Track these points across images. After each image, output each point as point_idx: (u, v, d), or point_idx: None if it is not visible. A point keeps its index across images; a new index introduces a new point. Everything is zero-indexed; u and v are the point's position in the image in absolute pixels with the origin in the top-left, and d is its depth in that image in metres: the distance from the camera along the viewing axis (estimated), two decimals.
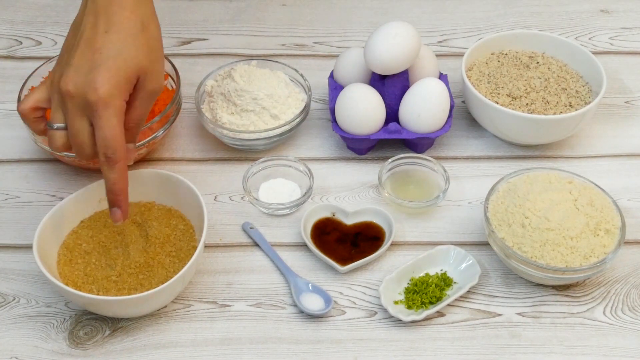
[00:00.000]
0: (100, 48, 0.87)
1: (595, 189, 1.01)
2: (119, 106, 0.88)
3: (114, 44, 0.87)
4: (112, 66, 0.87)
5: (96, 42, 0.88)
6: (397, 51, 1.06)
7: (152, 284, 0.95)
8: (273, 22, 1.33)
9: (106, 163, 0.89)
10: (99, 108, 0.86)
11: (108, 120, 0.87)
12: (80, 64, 0.87)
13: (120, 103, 0.88)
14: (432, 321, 0.96)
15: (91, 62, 0.87)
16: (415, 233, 1.05)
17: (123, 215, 0.92)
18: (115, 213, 0.92)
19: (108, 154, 0.88)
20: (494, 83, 1.14)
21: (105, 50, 0.87)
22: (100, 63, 0.87)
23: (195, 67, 1.25)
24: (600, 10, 1.36)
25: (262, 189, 1.08)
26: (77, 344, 0.94)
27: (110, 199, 0.91)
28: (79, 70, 0.87)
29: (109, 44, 0.87)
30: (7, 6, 1.35)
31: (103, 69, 0.86)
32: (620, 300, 0.98)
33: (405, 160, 1.09)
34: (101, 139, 0.87)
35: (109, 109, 0.87)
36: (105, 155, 0.88)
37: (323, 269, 1.01)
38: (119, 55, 0.87)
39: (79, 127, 0.88)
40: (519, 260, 0.95)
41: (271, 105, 1.10)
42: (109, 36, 0.88)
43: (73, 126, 0.88)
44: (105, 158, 0.88)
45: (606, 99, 1.20)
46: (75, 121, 0.88)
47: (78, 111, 0.87)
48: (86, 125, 0.88)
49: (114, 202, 0.91)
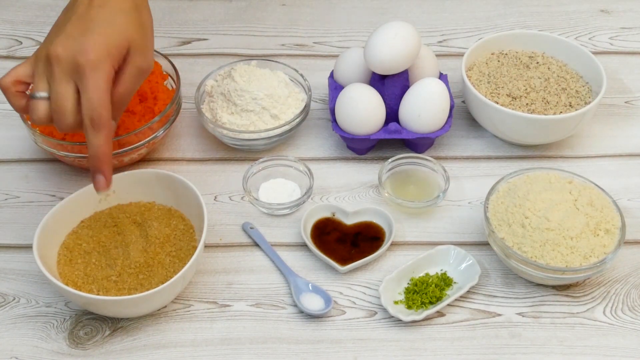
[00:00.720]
0: (92, 18, 0.88)
1: (595, 189, 1.01)
2: (108, 71, 0.87)
3: (106, 15, 0.88)
4: (104, 33, 0.87)
5: (89, 14, 0.88)
6: (397, 51, 1.06)
7: (152, 284, 0.95)
8: (273, 22, 1.33)
9: (91, 127, 0.87)
10: (87, 70, 0.85)
11: (96, 82, 0.86)
12: (72, 31, 0.88)
13: (109, 68, 0.87)
14: (432, 321, 0.96)
15: (82, 28, 0.87)
16: (415, 233, 1.05)
17: (107, 183, 0.89)
18: (99, 180, 0.89)
19: (93, 116, 0.86)
20: (494, 83, 1.14)
21: (97, 21, 0.88)
22: (92, 29, 0.87)
23: (195, 67, 1.25)
24: (600, 10, 1.36)
25: (262, 189, 1.08)
26: (77, 344, 0.94)
27: (93, 164, 0.88)
28: (70, 36, 0.87)
29: (101, 15, 0.88)
30: (7, 6, 1.35)
31: (94, 34, 0.87)
32: (620, 300, 0.98)
33: (405, 160, 1.09)
34: (87, 101, 0.86)
35: (98, 72, 0.86)
36: (90, 117, 0.86)
37: (323, 269, 1.01)
38: (112, 25, 0.88)
39: (63, 91, 0.86)
40: (519, 260, 0.95)
41: (271, 105, 1.10)
42: (102, 9, 0.89)
43: (57, 91, 0.87)
44: (90, 121, 0.86)
45: (606, 99, 1.20)
46: (60, 85, 0.86)
47: (64, 75, 0.86)
48: (71, 91, 0.87)
49: (98, 168, 0.88)
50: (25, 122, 1.05)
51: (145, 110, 1.08)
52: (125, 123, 1.06)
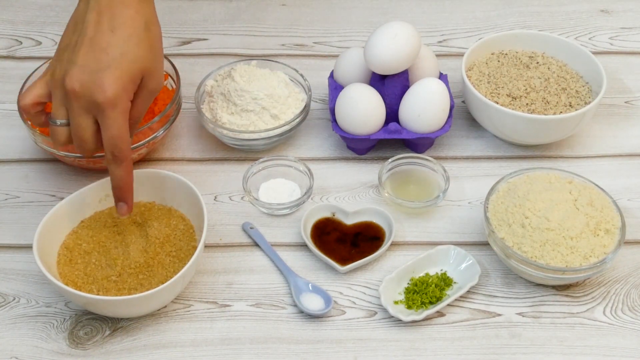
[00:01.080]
0: (106, 48, 0.89)
1: (595, 189, 1.01)
2: (125, 106, 0.90)
3: (119, 44, 0.89)
4: (119, 67, 0.88)
5: (101, 41, 0.89)
6: (397, 51, 1.06)
7: (152, 284, 0.95)
8: (273, 22, 1.33)
9: (113, 161, 0.92)
10: (106, 108, 0.88)
11: (115, 120, 0.89)
12: (86, 63, 0.89)
13: (126, 103, 0.90)
14: (432, 321, 0.96)
15: (97, 61, 0.88)
16: (415, 233, 1.05)
17: (128, 210, 0.96)
18: (122, 208, 0.95)
19: (115, 153, 0.91)
20: (494, 83, 1.14)
21: (111, 50, 0.89)
22: (107, 64, 0.88)
23: (195, 67, 1.25)
24: (600, 10, 1.36)
25: (262, 189, 1.08)
26: (77, 344, 0.94)
27: (117, 195, 0.95)
28: (85, 70, 0.88)
29: (114, 44, 0.89)
30: (7, 6, 1.35)
31: (110, 70, 0.88)
32: (620, 300, 0.98)
33: (405, 160, 1.09)
34: (108, 138, 0.90)
35: (116, 109, 0.89)
36: (112, 153, 0.91)
37: (323, 269, 1.01)
38: (125, 56, 0.89)
39: (83, 124, 0.90)
40: (519, 260, 0.95)
41: (271, 105, 1.10)
42: (114, 35, 0.89)
43: (78, 124, 0.90)
44: (112, 156, 0.91)
45: (606, 99, 1.20)
46: (80, 119, 0.90)
47: (83, 110, 0.89)
48: (90, 123, 0.90)
49: (121, 198, 0.95)
50: (25, 122, 1.05)
51: None
52: None
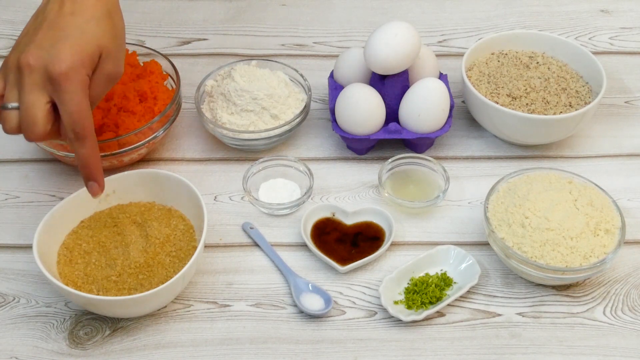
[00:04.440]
0: (64, 27, 0.87)
1: (595, 189, 1.01)
2: (83, 80, 0.86)
3: (77, 24, 0.87)
4: (75, 42, 0.86)
5: (60, 22, 0.87)
6: (397, 51, 1.06)
7: (152, 284, 0.95)
8: (273, 22, 1.33)
9: (76, 139, 0.87)
10: (62, 82, 0.85)
11: (74, 94, 0.85)
12: (43, 40, 0.86)
13: (84, 77, 0.86)
14: (432, 321, 0.96)
15: (54, 38, 0.86)
16: (415, 233, 1.05)
17: (100, 188, 0.91)
18: (92, 186, 0.91)
19: (77, 130, 0.86)
20: (494, 83, 1.14)
21: (69, 29, 0.87)
22: (63, 39, 0.86)
23: (195, 67, 1.25)
24: (600, 10, 1.36)
25: (262, 189, 1.08)
26: (77, 344, 0.94)
27: (85, 173, 0.90)
28: (41, 46, 0.86)
29: (72, 24, 0.87)
30: (7, 6, 1.35)
31: (66, 44, 0.86)
32: (620, 300, 0.98)
33: (405, 160, 1.09)
34: (68, 114, 0.86)
35: (74, 83, 0.85)
36: (74, 131, 0.86)
37: (323, 269, 1.01)
38: (83, 33, 0.87)
39: (33, 100, 0.86)
40: (519, 260, 0.95)
41: (271, 105, 1.10)
42: (73, 18, 0.88)
43: (27, 100, 0.86)
44: (74, 134, 0.86)
45: (606, 99, 1.20)
46: (31, 95, 0.85)
47: (36, 85, 0.85)
48: (43, 100, 0.86)
49: (89, 176, 0.90)
50: None
51: (145, 110, 1.08)
52: (125, 123, 1.06)
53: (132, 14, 1.32)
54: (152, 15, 1.33)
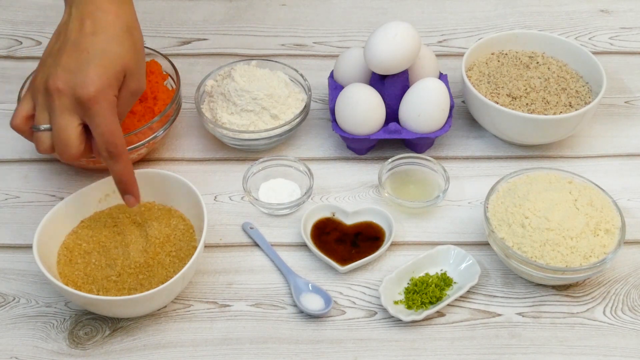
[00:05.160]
0: (87, 48, 0.89)
1: (595, 189, 1.01)
2: (111, 101, 0.89)
3: (100, 44, 0.89)
4: (101, 63, 0.88)
5: (83, 43, 0.89)
6: (397, 51, 1.06)
7: (152, 284, 0.95)
8: (273, 22, 1.33)
9: (109, 158, 0.90)
10: (92, 105, 0.87)
11: (104, 116, 0.88)
12: (69, 63, 0.88)
13: (112, 98, 0.89)
14: (432, 321, 0.96)
15: (79, 61, 0.88)
16: (415, 233, 1.05)
17: (137, 200, 0.95)
18: (129, 199, 0.95)
19: (110, 149, 0.90)
20: (494, 83, 1.14)
21: (93, 50, 0.89)
22: (89, 61, 0.88)
23: (195, 67, 1.25)
24: (600, 10, 1.36)
25: (262, 189, 1.08)
26: (77, 344, 0.94)
27: (121, 188, 0.94)
28: (68, 69, 0.88)
29: (96, 44, 0.89)
30: (7, 6, 1.35)
31: (92, 67, 0.88)
32: (620, 300, 0.98)
33: (405, 160, 1.09)
34: (100, 135, 0.89)
35: (103, 105, 0.88)
36: (107, 150, 0.90)
37: (323, 269, 1.01)
38: (107, 54, 0.89)
39: (65, 123, 0.88)
40: (519, 260, 0.95)
41: (271, 105, 1.10)
42: (95, 37, 0.89)
43: (60, 125, 0.88)
44: (107, 153, 0.90)
45: (606, 99, 1.20)
46: (61, 118, 0.88)
47: (66, 109, 0.88)
48: (74, 122, 0.89)
49: (126, 190, 0.94)
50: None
51: (145, 110, 1.08)
52: (125, 123, 1.06)
53: None
54: (152, 15, 1.33)
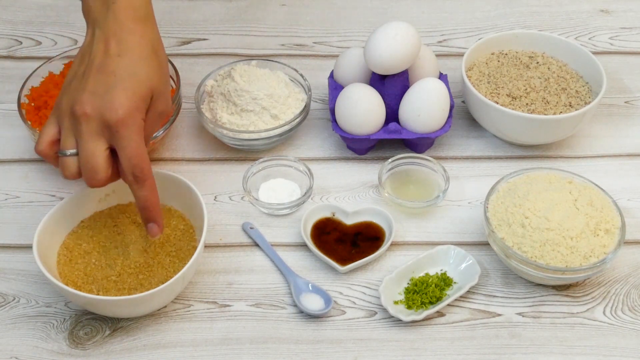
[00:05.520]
0: (114, 70, 0.87)
1: (595, 189, 1.01)
2: (139, 124, 0.87)
3: (127, 66, 0.87)
4: (128, 86, 0.87)
5: (109, 65, 0.87)
6: (397, 51, 1.06)
7: (152, 284, 0.95)
8: (273, 22, 1.33)
9: (135, 182, 0.88)
10: (120, 128, 0.86)
11: (131, 139, 0.86)
12: (96, 87, 0.87)
13: (139, 121, 0.87)
14: (432, 321, 0.96)
15: (106, 84, 0.87)
16: (415, 233, 1.05)
17: (160, 229, 0.93)
18: (152, 228, 0.92)
19: (136, 173, 0.88)
20: (494, 83, 1.14)
21: (119, 72, 0.87)
22: (116, 84, 0.86)
23: (195, 67, 1.25)
24: (600, 10, 1.36)
25: (262, 189, 1.08)
26: (77, 344, 0.94)
27: (145, 216, 0.91)
28: (95, 93, 0.86)
29: (122, 67, 0.87)
30: (7, 6, 1.35)
31: (120, 89, 0.86)
32: (620, 300, 0.98)
33: (405, 160, 1.09)
34: (127, 159, 0.87)
35: (131, 128, 0.86)
36: (133, 174, 0.88)
37: (323, 269, 1.01)
38: (134, 76, 0.87)
39: (93, 148, 0.87)
40: (519, 260, 0.95)
41: (271, 105, 1.10)
42: (121, 59, 0.88)
43: (87, 148, 0.87)
44: (133, 177, 0.88)
45: (606, 99, 1.20)
46: (90, 144, 0.87)
47: (94, 133, 0.86)
48: (102, 147, 0.87)
49: (149, 218, 0.92)
50: (25, 122, 1.05)
51: None
52: None
53: None
54: None
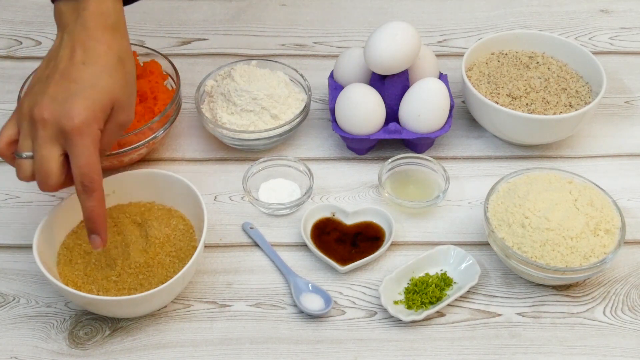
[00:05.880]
0: (76, 79, 0.87)
1: (595, 189, 1.01)
2: (95, 134, 0.87)
3: (90, 76, 0.87)
4: (88, 96, 0.86)
5: (72, 72, 0.87)
6: (397, 51, 1.06)
7: (152, 284, 0.95)
8: (273, 22, 1.33)
9: (83, 192, 0.88)
10: (74, 136, 0.85)
11: (85, 148, 0.86)
12: (56, 93, 0.87)
13: (95, 132, 0.87)
14: (432, 321, 0.96)
15: (67, 91, 0.86)
16: (415, 233, 1.05)
17: (103, 242, 0.91)
18: (95, 240, 0.90)
19: (85, 183, 0.87)
20: (494, 83, 1.14)
21: (81, 81, 0.87)
22: (76, 92, 0.86)
23: (195, 67, 1.25)
24: (600, 10, 1.36)
25: (262, 189, 1.08)
26: (77, 344, 0.94)
27: (89, 227, 0.90)
28: (55, 99, 0.86)
29: (85, 75, 0.87)
30: (7, 6, 1.35)
31: (79, 98, 0.86)
32: (620, 300, 0.98)
33: (405, 160, 1.09)
34: (77, 167, 0.86)
35: (85, 137, 0.86)
36: (82, 184, 0.87)
37: (323, 269, 1.01)
38: (95, 86, 0.87)
39: (47, 154, 0.86)
40: (519, 260, 0.95)
41: (271, 105, 1.10)
42: (86, 68, 0.87)
43: (42, 155, 0.87)
44: (82, 187, 0.87)
45: (606, 99, 1.20)
46: (44, 148, 0.86)
47: (49, 139, 0.86)
48: (56, 154, 0.87)
49: (93, 230, 0.90)
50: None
51: (145, 110, 1.08)
52: None
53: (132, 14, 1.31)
54: (152, 15, 1.33)
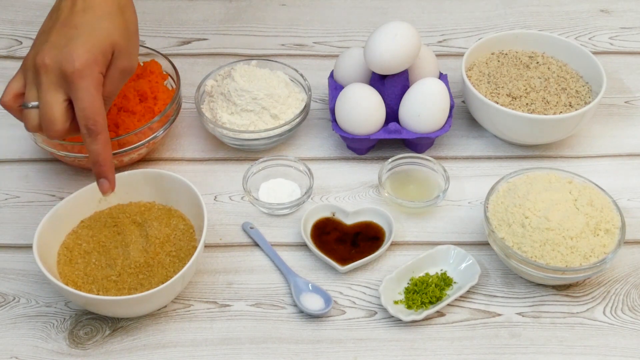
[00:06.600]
0: (76, 24, 0.89)
1: (595, 188, 1.01)
2: (97, 77, 0.88)
3: (89, 21, 0.89)
4: (88, 40, 0.88)
5: (73, 20, 0.89)
6: (397, 51, 1.06)
7: (152, 284, 0.95)
8: (273, 22, 1.33)
9: (88, 135, 0.89)
10: (76, 79, 0.87)
11: (87, 90, 0.87)
12: (57, 40, 0.88)
13: (97, 75, 0.88)
14: (432, 321, 0.96)
15: (67, 37, 0.88)
16: (415, 233, 1.05)
17: (111, 186, 0.92)
18: (103, 184, 0.92)
19: (89, 125, 0.88)
20: (494, 83, 1.14)
21: (81, 27, 0.89)
22: (76, 37, 0.88)
23: (195, 67, 1.25)
24: (600, 10, 1.36)
25: (262, 189, 1.08)
26: (77, 344, 0.94)
27: (96, 170, 0.91)
28: (56, 45, 0.88)
29: (85, 21, 0.89)
30: (7, 6, 1.35)
31: (79, 42, 0.88)
32: (620, 300, 0.98)
33: (405, 160, 1.09)
34: (81, 110, 0.87)
35: (87, 80, 0.87)
36: (86, 126, 0.88)
37: (323, 269, 1.01)
38: (95, 30, 0.89)
39: (51, 100, 0.88)
40: (519, 260, 0.95)
41: (271, 105, 1.10)
42: (85, 14, 0.89)
43: (45, 100, 0.88)
44: (86, 130, 0.88)
45: (606, 99, 1.20)
46: (48, 94, 0.88)
47: (52, 84, 0.87)
48: (60, 99, 0.88)
49: (101, 173, 0.91)
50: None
51: (145, 110, 1.08)
52: (125, 123, 1.06)
53: None
54: (152, 15, 1.33)
